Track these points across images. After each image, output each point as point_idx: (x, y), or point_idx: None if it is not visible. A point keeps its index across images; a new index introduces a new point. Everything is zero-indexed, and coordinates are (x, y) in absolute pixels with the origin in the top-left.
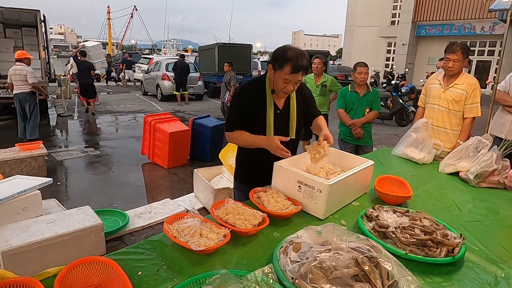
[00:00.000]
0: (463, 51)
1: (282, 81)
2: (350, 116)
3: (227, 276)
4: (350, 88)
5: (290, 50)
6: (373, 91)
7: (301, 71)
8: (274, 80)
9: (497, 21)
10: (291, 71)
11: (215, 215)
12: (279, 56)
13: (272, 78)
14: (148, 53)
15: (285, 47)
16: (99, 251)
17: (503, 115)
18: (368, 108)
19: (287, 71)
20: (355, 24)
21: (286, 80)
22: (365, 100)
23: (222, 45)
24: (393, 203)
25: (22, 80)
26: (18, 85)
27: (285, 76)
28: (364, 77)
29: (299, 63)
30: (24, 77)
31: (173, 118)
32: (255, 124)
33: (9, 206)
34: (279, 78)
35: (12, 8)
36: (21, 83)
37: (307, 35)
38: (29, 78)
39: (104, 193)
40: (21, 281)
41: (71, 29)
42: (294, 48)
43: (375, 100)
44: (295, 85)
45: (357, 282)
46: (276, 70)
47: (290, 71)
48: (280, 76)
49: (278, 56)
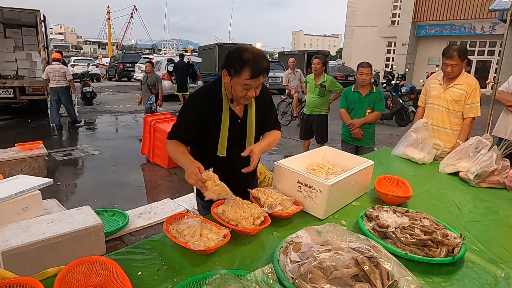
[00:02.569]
0: (460, 54)
1: (242, 88)
2: (351, 116)
3: (227, 276)
4: (353, 88)
5: (246, 52)
6: (377, 91)
7: (262, 74)
8: (232, 88)
9: (497, 21)
10: (250, 76)
11: (215, 213)
12: (235, 60)
13: (229, 85)
14: (148, 53)
15: (239, 48)
16: (99, 251)
17: (507, 116)
18: (369, 109)
19: (245, 76)
20: (355, 24)
21: (246, 86)
22: (367, 100)
23: (222, 45)
24: (393, 203)
25: (61, 76)
26: (56, 80)
27: (245, 81)
28: (366, 78)
29: (259, 66)
30: (63, 74)
31: (173, 118)
32: (209, 135)
33: (9, 206)
34: (238, 84)
35: (12, 8)
36: (59, 78)
37: (307, 35)
38: (67, 75)
39: (104, 193)
40: (21, 281)
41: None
42: (250, 49)
43: (378, 101)
44: (257, 89)
45: (357, 282)
46: (232, 76)
47: (249, 76)
48: (239, 83)
49: (233, 60)
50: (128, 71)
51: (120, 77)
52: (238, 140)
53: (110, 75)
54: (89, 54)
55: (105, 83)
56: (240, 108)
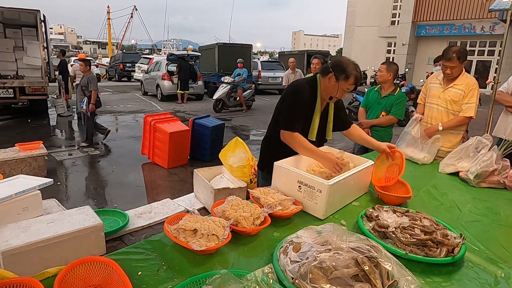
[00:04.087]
0: (458, 56)
1: (343, 90)
2: (367, 115)
3: (227, 276)
4: (376, 87)
5: (352, 64)
6: (398, 94)
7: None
8: (331, 88)
9: (497, 21)
10: (354, 83)
11: (215, 213)
12: (345, 68)
13: (329, 86)
14: (148, 53)
15: (348, 60)
16: (99, 251)
17: (507, 117)
18: (385, 112)
19: (351, 82)
20: (355, 24)
21: (347, 89)
22: (384, 102)
23: (222, 45)
24: (393, 203)
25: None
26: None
27: (348, 86)
28: (379, 76)
29: (360, 77)
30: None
31: (173, 118)
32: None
33: (9, 206)
34: (342, 87)
35: (12, 8)
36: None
37: (307, 35)
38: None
39: (104, 193)
40: (21, 281)
41: (71, 29)
42: (353, 62)
43: (396, 105)
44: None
45: (357, 282)
46: (339, 80)
47: (353, 83)
48: (344, 86)
49: (344, 68)
50: (128, 71)
51: (120, 77)
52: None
53: (110, 75)
54: (89, 54)
55: (105, 83)
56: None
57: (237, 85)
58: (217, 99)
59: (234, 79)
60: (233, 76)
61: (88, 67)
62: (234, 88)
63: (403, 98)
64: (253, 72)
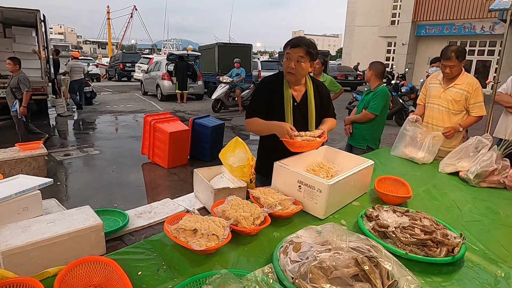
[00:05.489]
0: (457, 55)
1: (286, 60)
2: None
3: (227, 276)
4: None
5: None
6: (376, 90)
7: (299, 46)
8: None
9: (497, 21)
10: (290, 47)
11: (215, 213)
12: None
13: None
14: (148, 53)
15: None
16: (99, 251)
17: (507, 118)
18: (364, 108)
19: (287, 49)
20: (355, 24)
21: (288, 56)
22: (366, 99)
23: (222, 45)
24: (393, 203)
25: (80, 71)
26: (76, 74)
27: (287, 51)
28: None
29: (294, 40)
30: (81, 69)
31: (173, 118)
32: (274, 116)
33: (9, 206)
34: (284, 59)
35: (12, 8)
36: (79, 73)
37: (307, 35)
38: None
39: (104, 193)
40: (21, 281)
41: (71, 29)
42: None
43: (373, 99)
44: (298, 64)
45: (357, 282)
46: (283, 57)
47: (289, 47)
48: (284, 57)
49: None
50: (128, 71)
51: (120, 77)
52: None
53: (110, 75)
54: (89, 54)
55: (105, 83)
56: (297, 94)
57: (235, 85)
58: (215, 99)
59: (233, 79)
60: (232, 76)
61: (18, 66)
62: (233, 88)
63: (381, 93)
64: (253, 72)
